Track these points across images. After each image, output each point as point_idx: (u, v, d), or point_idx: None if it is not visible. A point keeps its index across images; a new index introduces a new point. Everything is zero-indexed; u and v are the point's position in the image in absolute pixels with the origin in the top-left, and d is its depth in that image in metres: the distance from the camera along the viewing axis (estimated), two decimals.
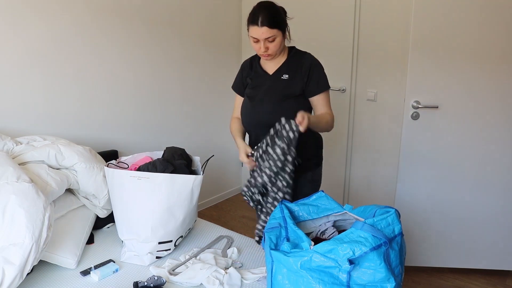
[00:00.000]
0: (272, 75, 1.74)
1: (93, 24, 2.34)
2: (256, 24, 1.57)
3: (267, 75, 1.75)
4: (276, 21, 1.59)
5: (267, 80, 1.74)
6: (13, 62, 2.02)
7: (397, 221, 1.21)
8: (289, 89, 1.69)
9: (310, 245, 1.14)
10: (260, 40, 1.61)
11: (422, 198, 2.37)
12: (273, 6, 1.62)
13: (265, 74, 1.76)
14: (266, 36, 1.59)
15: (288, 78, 1.70)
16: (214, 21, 3.18)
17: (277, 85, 1.71)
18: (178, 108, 3.00)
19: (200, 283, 1.41)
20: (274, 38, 1.61)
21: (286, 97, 1.69)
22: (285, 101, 1.69)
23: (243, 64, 1.87)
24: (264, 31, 1.57)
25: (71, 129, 2.31)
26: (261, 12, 1.58)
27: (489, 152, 2.25)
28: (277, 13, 1.61)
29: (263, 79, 1.76)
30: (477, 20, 2.10)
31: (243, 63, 1.87)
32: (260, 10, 1.59)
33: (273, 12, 1.60)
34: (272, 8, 1.61)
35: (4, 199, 1.34)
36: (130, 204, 1.59)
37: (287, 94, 1.69)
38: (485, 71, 2.15)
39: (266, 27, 1.57)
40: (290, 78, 1.70)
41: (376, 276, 1.10)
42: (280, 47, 1.67)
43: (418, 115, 2.26)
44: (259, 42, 1.62)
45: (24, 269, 1.27)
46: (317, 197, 1.47)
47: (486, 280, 2.42)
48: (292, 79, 1.69)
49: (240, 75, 1.87)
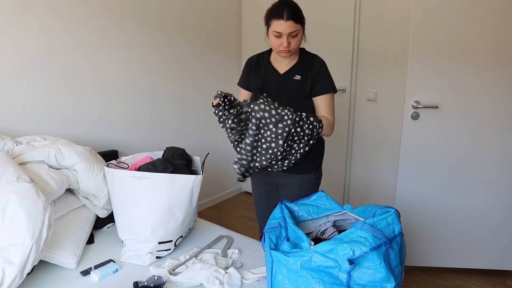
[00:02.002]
0: (284, 74, 1.74)
1: (93, 24, 2.34)
2: (282, 18, 1.57)
3: (278, 74, 1.75)
4: (300, 16, 1.62)
5: (278, 79, 1.74)
6: (13, 62, 2.02)
7: (397, 221, 1.21)
8: (301, 90, 1.70)
9: (310, 245, 1.14)
10: (283, 35, 1.60)
11: (422, 198, 2.37)
12: (295, 3, 1.64)
13: (276, 72, 1.75)
14: (291, 30, 1.59)
15: (300, 79, 1.70)
16: (214, 21, 3.18)
17: (290, 85, 1.72)
18: (178, 108, 3.00)
19: (200, 283, 1.41)
20: (297, 33, 1.62)
21: (295, 99, 1.69)
22: (297, 101, 1.69)
23: (249, 60, 1.85)
24: (290, 25, 1.57)
25: (71, 129, 2.31)
26: (286, 6, 1.59)
27: (489, 152, 2.25)
28: (300, 10, 1.63)
29: (275, 77, 1.75)
30: (477, 20, 2.10)
31: (249, 59, 1.85)
32: (285, 5, 1.60)
33: (297, 8, 1.62)
34: (295, 4, 1.64)
35: (4, 199, 1.34)
36: (130, 204, 1.59)
37: (297, 95, 1.70)
38: (485, 71, 2.15)
39: (292, 21, 1.57)
40: (302, 79, 1.70)
41: (376, 276, 1.10)
42: (299, 45, 1.68)
43: (418, 115, 2.26)
44: (281, 37, 1.61)
45: (24, 269, 1.27)
46: (317, 197, 1.47)
47: (486, 280, 2.42)
48: (303, 80, 1.70)
49: (247, 71, 1.85)
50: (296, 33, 1.61)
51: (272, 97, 1.66)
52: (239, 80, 1.89)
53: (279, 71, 1.75)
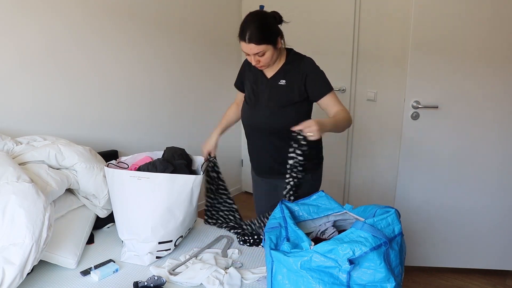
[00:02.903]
0: (270, 79, 1.72)
1: (93, 24, 2.34)
2: (244, 40, 1.54)
3: (265, 79, 1.73)
4: (264, 36, 1.53)
5: (265, 85, 1.73)
6: (13, 62, 2.02)
7: (397, 221, 1.21)
8: (287, 96, 1.67)
9: (310, 245, 1.14)
10: (250, 55, 1.58)
11: (422, 198, 2.37)
12: (262, 19, 1.55)
13: (263, 78, 1.74)
14: (255, 52, 1.55)
15: (285, 84, 1.67)
16: (214, 21, 3.18)
17: (275, 91, 1.69)
18: (178, 108, 3.00)
19: (200, 283, 1.41)
20: (263, 53, 1.56)
21: (285, 104, 1.67)
22: (284, 108, 1.67)
23: (244, 62, 1.85)
24: (252, 47, 1.54)
25: (71, 129, 2.31)
26: (249, 27, 1.52)
27: (489, 152, 2.25)
28: (265, 27, 1.54)
29: (262, 83, 1.74)
30: (477, 20, 2.10)
31: (245, 61, 1.85)
32: (248, 25, 1.53)
33: (261, 27, 1.53)
34: (261, 21, 1.54)
35: (4, 199, 1.34)
36: (130, 204, 1.59)
37: (286, 101, 1.67)
38: (485, 71, 2.15)
39: (254, 44, 1.53)
40: (287, 84, 1.67)
41: (376, 276, 1.10)
42: (273, 59, 1.62)
43: (418, 115, 2.26)
44: (250, 56, 1.60)
45: (24, 269, 1.27)
46: (317, 197, 1.47)
47: (486, 280, 2.42)
48: (289, 85, 1.67)
49: (242, 72, 1.85)
50: (262, 53, 1.56)
51: (263, 103, 1.70)
52: (236, 81, 1.90)
53: (267, 76, 1.73)
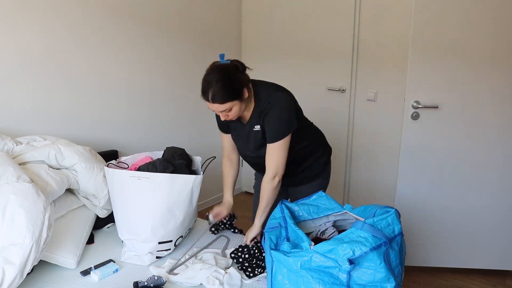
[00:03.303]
0: (246, 124, 1.65)
1: (93, 24, 2.34)
2: (208, 100, 1.48)
3: (242, 124, 1.67)
4: (227, 94, 1.46)
5: (243, 129, 1.68)
6: (13, 62, 2.02)
7: (397, 221, 1.21)
8: (262, 140, 1.62)
9: (310, 245, 1.14)
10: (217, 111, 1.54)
11: (422, 198, 2.37)
12: (225, 75, 1.47)
13: (241, 123, 1.67)
14: (221, 110, 1.50)
15: (260, 130, 1.61)
16: (214, 21, 3.18)
17: (252, 135, 1.65)
18: (178, 108, 3.00)
19: (200, 283, 1.41)
20: (230, 109, 1.50)
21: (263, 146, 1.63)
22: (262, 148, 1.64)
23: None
24: (217, 107, 1.48)
25: (71, 129, 2.31)
26: (210, 87, 1.45)
27: (489, 152, 2.25)
28: (228, 84, 1.46)
29: (241, 128, 1.69)
30: (478, 20, 2.10)
31: None
32: (209, 85, 1.46)
33: (224, 85, 1.45)
34: (223, 79, 1.46)
35: (4, 199, 1.34)
36: (130, 204, 1.59)
37: (262, 144, 1.63)
38: (485, 71, 2.15)
39: (218, 104, 1.47)
40: (261, 129, 1.61)
41: (376, 276, 1.10)
42: (241, 110, 1.55)
43: (418, 115, 2.26)
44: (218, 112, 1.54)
45: (24, 269, 1.27)
46: (317, 197, 1.47)
47: (486, 280, 2.42)
48: (263, 129, 1.61)
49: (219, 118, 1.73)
50: (229, 109, 1.50)
51: (242, 146, 1.72)
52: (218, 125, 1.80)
53: (243, 121, 1.66)
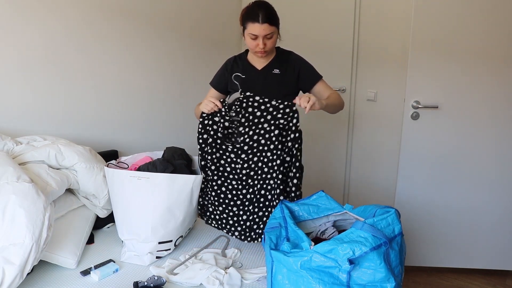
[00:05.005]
0: (262, 69, 1.79)
1: (92, 25, 2.34)
2: (257, 21, 1.62)
3: (256, 70, 1.79)
4: (275, 18, 1.67)
5: (258, 75, 1.79)
6: (13, 62, 2.02)
7: (397, 221, 1.21)
8: (281, 85, 1.75)
9: (310, 245, 1.14)
10: (259, 37, 1.65)
11: (422, 198, 2.37)
12: (269, 5, 1.69)
13: (255, 69, 1.80)
14: (267, 33, 1.64)
15: (280, 73, 1.76)
16: (214, 21, 3.18)
17: (270, 80, 1.76)
18: (178, 108, 3.00)
19: (200, 283, 1.41)
20: (272, 35, 1.67)
21: (279, 94, 1.70)
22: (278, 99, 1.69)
23: (227, 62, 1.88)
24: (265, 28, 1.62)
25: (71, 129, 2.31)
26: (261, 9, 1.63)
27: (488, 152, 2.25)
28: (274, 11, 1.68)
29: (254, 74, 1.79)
30: (478, 20, 2.10)
31: (227, 61, 1.89)
32: (260, 8, 1.64)
33: (272, 10, 1.67)
34: (269, 6, 1.68)
35: (4, 199, 1.34)
36: (130, 204, 1.59)
37: (279, 91, 1.74)
38: (485, 71, 2.16)
39: (267, 24, 1.62)
40: (281, 73, 1.75)
41: (376, 276, 1.10)
42: (275, 45, 1.74)
43: (418, 115, 2.26)
44: (257, 39, 1.66)
45: (24, 269, 1.27)
46: (317, 197, 1.47)
47: (486, 280, 2.42)
48: (283, 74, 1.75)
49: (222, 72, 1.88)
50: (271, 35, 1.66)
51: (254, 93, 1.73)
52: (213, 80, 1.94)
53: (257, 67, 1.80)
